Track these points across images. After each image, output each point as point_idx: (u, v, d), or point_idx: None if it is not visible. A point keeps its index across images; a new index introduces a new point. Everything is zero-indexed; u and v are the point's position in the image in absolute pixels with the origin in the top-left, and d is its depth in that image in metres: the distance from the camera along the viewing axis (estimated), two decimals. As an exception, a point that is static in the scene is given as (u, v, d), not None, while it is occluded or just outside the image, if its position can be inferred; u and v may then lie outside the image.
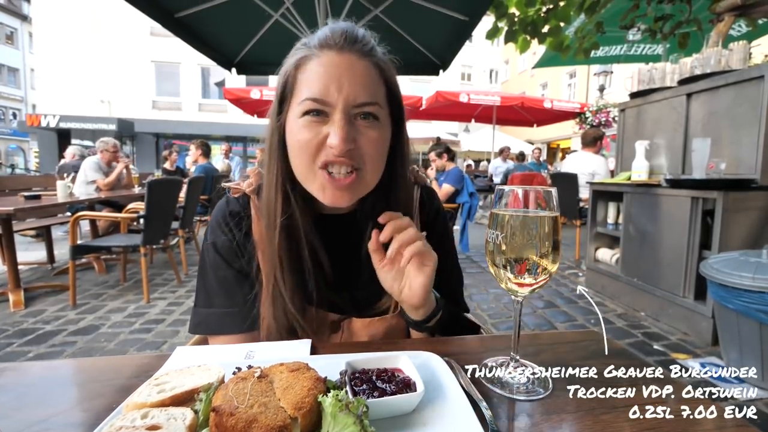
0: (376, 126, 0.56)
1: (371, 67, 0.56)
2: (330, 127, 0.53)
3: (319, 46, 0.55)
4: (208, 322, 0.65)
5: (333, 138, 0.52)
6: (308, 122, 0.54)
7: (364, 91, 0.54)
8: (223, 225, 0.65)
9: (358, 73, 0.54)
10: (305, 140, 0.53)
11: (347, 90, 0.53)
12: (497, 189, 0.49)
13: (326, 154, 0.53)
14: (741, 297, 1.72)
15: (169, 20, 2.97)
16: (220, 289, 0.65)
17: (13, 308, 2.72)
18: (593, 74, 14.32)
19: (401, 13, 3.09)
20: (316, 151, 0.54)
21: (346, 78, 0.53)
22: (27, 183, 4.92)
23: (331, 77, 0.53)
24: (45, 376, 0.50)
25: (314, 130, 0.53)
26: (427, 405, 0.42)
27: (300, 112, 0.54)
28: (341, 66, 0.53)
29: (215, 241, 0.65)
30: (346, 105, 0.53)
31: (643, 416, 0.42)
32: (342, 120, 0.52)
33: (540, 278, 0.47)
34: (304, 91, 0.54)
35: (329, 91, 0.52)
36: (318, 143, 0.53)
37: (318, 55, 0.54)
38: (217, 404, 0.35)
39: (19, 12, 26.30)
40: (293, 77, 0.56)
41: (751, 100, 2.22)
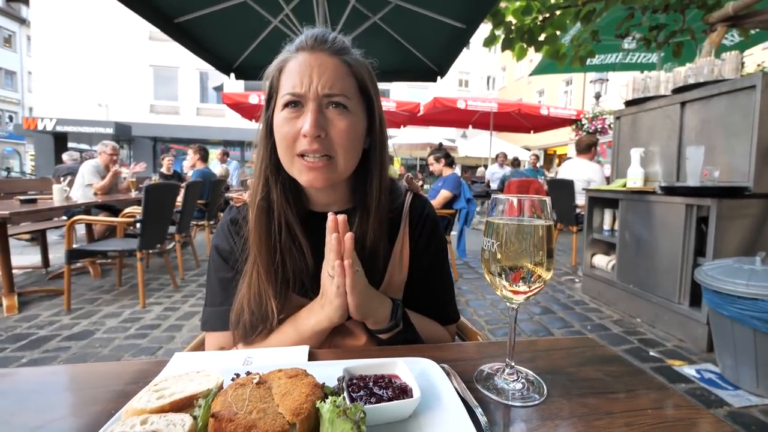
0: (345, 115, 0.62)
1: (340, 63, 0.63)
2: (303, 118, 0.60)
3: (295, 49, 0.64)
4: (211, 319, 0.71)
5: (305, 125, 0.59)
6: (287, 115, 0.61)
7: (331, 83, 0.61)
8: (226, 230, 0.72)
9: (326, 68, 0.61)
10: (285, 132, 0.61)
11: (316, 82, 0.60)
12: (492, 197, 0.50)
13: (301, 143, 0.61)
14: (735, 304, 1.74)
15: (168, 25, 2.98)
16: (221, 288, 0.70)
17: (6, 313, 2.70)
18: (589, 82, 14.46)
19: (399, 21, 3.13)
20: (293, 141, 0.61)
21: (315, 72, 0.60)
22: (23, 186, 4.89)
23: (303, 73, 0.60)
24: (43, 381, 0.50)
25: (291, 123, 0.61)
26: (424, 411, 0.42)
27: (281, 106, 0.62)
28: (312, 63, 0.61)
29: (217, 245, 0.72)
30: (316, 96, 0.60)
31: (638, 423, 0.43)
32: (313, 110, 0.60)
33: (534, 286, 0.48)
34: (285, 86, 0.62)
35: (302, 84, 0.60)
36: (294, 134, 0.61)
37: (295, 57, 0.63)
38: (216, 410, 0.35)
39: (18, 15, 26.30)
40: (277, 78, 0.64)
41: (743, 108, 2.25)
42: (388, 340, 0.65)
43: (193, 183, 3.78)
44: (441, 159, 4.12)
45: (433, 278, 0.75)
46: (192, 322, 2.67)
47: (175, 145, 15.58)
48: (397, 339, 0.65)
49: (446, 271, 0.78)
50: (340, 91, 0.61)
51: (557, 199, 4.18)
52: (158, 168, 6.64)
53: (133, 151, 17.31)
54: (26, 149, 25.14)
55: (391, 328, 0.64)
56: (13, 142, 26.13)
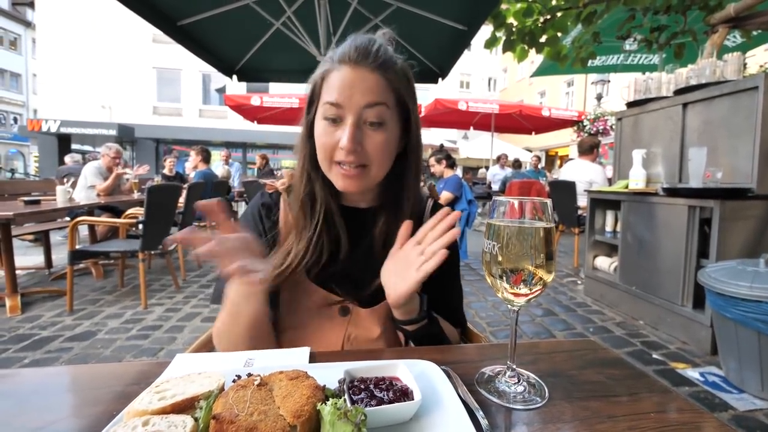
0: (381, 131, 0.66)
1: (380, 78, 0.65)
2: (342, 132, 0.64)
3: (338, 61, 0.65)
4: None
5: (343, 140, 0.63)
6: (327, 128, 0.65)
7: (370, 99, 0.64)
8: (256, 214, 0.76)
9: (366, 86, 0.64)
10: (323, 142, 0.66)
11: (357, 100, 0.63)
12: (493, 199, 0.50)
13: (339, 154, 0.65)
14: (738, 306, 1.73)
15: (171, 28, 3.00)
16: None
17: (9, 313, 2.71)
18: (591, 83, 14.45)
19: (401, 23, 3.10)
20: (332, 151, 0.66)
21: (357, 90, 0.64)
22: (26, 187, 4.92)
23: (344, 87, 0.64)
24: (45, 382, 0.50)
25: (330, 134, 0.65)
26: (425, 414, 0.42)
27: (322, 114, 0.66)
28: (355, 78, 0.64)
29: (245, 227, 0.73)
30: (356, 112, 0.64)
31: (641, 427, 0.43)
32: (351, 124, 0.63)
33: (535, 288, 0.48)
34: (326, 96, 0.65)
35: (343, 99, 0.64)
36: (333, 144, 0.65)
37: (338, 69, 0.65)
38: (217, 412, 0.35)
39: (23, 18, 26.50)
40: (319, 85, 0.67)
41: (746, 110, 2.25)
42: (414, 332, 0.67)
43: (195, 184, 3.80)
44: (442, 160, 4.12)
45: (446, 284, 0.78)
46: (194, 323, 2.67)
47: (177, 146, 15.63)
48: (423, 332, 0.67)
49: (458, 279, 0.82)
50: (378, 110, 0.64)
51: (559, 201, 4.17)
52: (161, 169, 6.66)
53: (136, 153, 17.38)
54: (30, 151, 25.29)
55: (420, 320, 0.67)
56: (17, 144, 26.29)
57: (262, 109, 7.37)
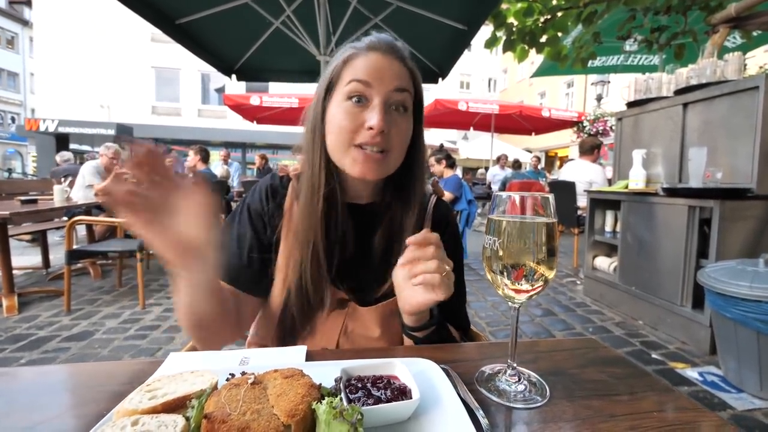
0: (405, 117, 0.66)
1: (407, 71, 0.67)
2: (370, 113, 0.62)
3: (367, 48, 0.65)
4: None
5: (373, 120, 0.61)
6: (351, 107, 0.63)
7: (399, 81, 0.64)
8: (263, 194, 0.74)
9: (396, 72, 0.64)
10: (345, 123, 0.62)
11: (388, 81, 0.63)
12: (494, 195, 0.49)
13: (363, 135, 0.62)
14: (738, 306, 1.72)
15: (170, 26, 2.99)
16: (235, 240, 0.72)
17: (6, 313, 2.69)
18: (591, 84, 14.46)
19: (400, 22, 3.12)
20: (354, 133, 0.62)
21: (387, 73, 0.63)
22: (24, 187, 4.90)
23: (376, 68, 0.63)
24: (36, 381, 0.49)
25: (355, 115, 0.62)
26: (423, 413, 0.41)
27: (345, 94, 0.63)
28: (384, 63, 0.64)
29: (250, 203, 0.74)
30: (386, 92, 0.62)
31: (642, 426, 0.42)
32: (381, 105, 0.62)
33: (537, 285, 0.47)
34: (350, 75, 0.63)
35: (373, 77, 0.62)
36: (357, 125, 0.62)
37: (366, 54, 0.64)
38: (209, 411, 0.34)
39: (20, 17, 26.46)
40: (340, 68, 0.65)
41: (746, 110, 2.24)
42: (424, 337, 0.65)
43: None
44: (442, 160, 4.12)
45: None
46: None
47: (176, 146, 15.60)
48: (432, 338, 0.65)
49: (461, 279, 0.79)
50: (404, 96, 0.65)
51: (559, 201, 4.06)
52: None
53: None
54: (28, 150, 25.25)
55: (430, 326, 0.65)
56: (15, 143, 26.24)
57: (261, 108, 7.36)
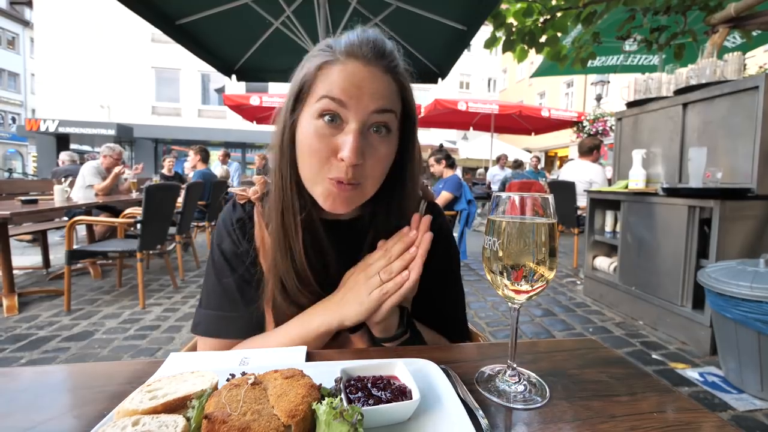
0: (386, 140, 0.56)
1: (393, 83, 0.56)
2: (344, 139, 0.53)
3: (345, 54, 0.54)
4: (206, 323, 0.66)
5: (345, 151, 0.52)
6: (323, 127, 0.53)
7: (381, 103, 0.54)
8: (231, 229, 0.66)
9: (378, 89, 0.54)
10: (316, 148, 0.54)
11: (367, 101, 0.53)
12: (494, 195, 0.49)
13: (335, 168, 0.54)
14: (739, 306, 1.72)
15: (170, 27, 2.99)
16: (222, 292, 0.66)
17: (6, 313, 2.69)
18: (590, 84, 14.47)
19: (400, 22, 3.13)
20: (326, 161, 0.54)
21: (367, 90, 0.53)
22: (24, 187, 4.91)
23: (353, 84, 0.53)
24: (36, 381, 0.49)
25: (326, 140, 0.53)
26: (423, 413, 0.41)
27: (316, 111, 0.53)
28: (365, 78, 0.53)
29: (221, 244, 0.66)
30: (363, 115, 0.53)
31: (643, 426, 0.42)
32: (355, 132, 0.52)
33: (537, 285, 0.47)
34: (323, 89, 0.53)
35: (349, 95, 0.52)
36: (329, 152, 0.54)
37: (343, 62, 0.54)
38: (209, 411, 0.34)
39: (21, 17, 26.47)
40: (313, 76, 0.55)
41: (746, 110, 2.24)
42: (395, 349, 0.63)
43: (193, 184, 3.78)
44: (442, 160, 4.12)
45: (445, 291, 0.72)
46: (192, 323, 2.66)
47: (176, 146, 15.62)
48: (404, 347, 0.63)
49: (459, 286, 0.74)
50: (387, 117, 0.55)
51: (558, 201, 4.10)
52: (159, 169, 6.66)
53: (135, 153, 17.36)
54: (29, 150, 25.26)
55: (399, 336, 0.62)
56: (15, 144, 26.24)
57: (261, 108, 7.36)
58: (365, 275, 0.59)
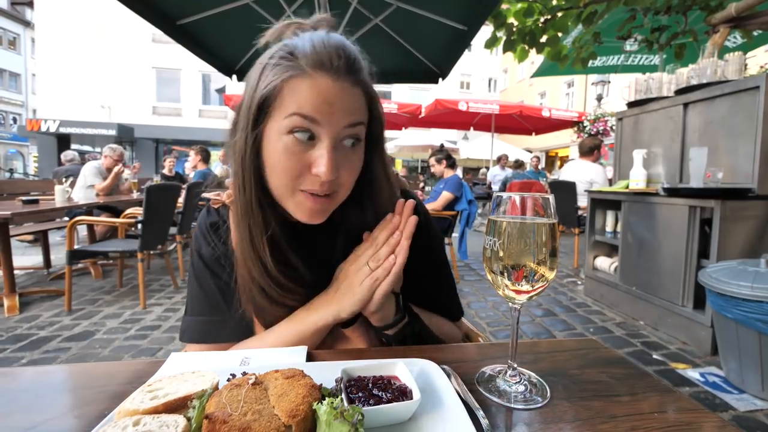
0: (356, 150, 0.57)
1: (362, 95, 0.56)
2: (317, 155, 0.53)
3: (312, 66, 0.52)
4: (192, 329, 0.65)
5: (321, 167, 0.52)
6: (293, 144, 0.52)
7: (353, 118, 0.54)
8: (207, 234, 0.66)
9: (349, 103, 0.54)
10: (289, 165, 0.53)
11: (339, 117, 0.52)
12: (495, 196, 0.49)
13: (309, 182, 0.54)
14: (740, 306, 1.72)
15: (171, 27, 2.99)
16: (204, 297, 0.66)
17: (7, 313, 2.70)
18: (591, 84, 14.46)
19: (401, 23, 3.12)
20: (299, 175, 0.54)
21: (338, 105, 0.52)
22: (25, 187, 4.91)
23: (325, 101, 0.51)
24: (37, 381, 0.49)
25: (298, 156, 0.53)
26: (424, 413, 0.41)
27: (286, 128, 0.52)
28: (335, 93, 0.52)
29: (200, 250, 0.67)
30: (336, 130, 0.53)
31: (643, 427, 0.42)
32: (329, 149, 0.52)
33: (537, 285, 0.47)
34: (292, 105, 0.52)
35: (321, 112, 0.51)
36: (302, 167, 0.53)
37: (312, 76, 0.52)
38: (210, 411, 0.34)
39: (22, 18, 26.52)
40: (277, 89, 0.52)
41: (747, 110, 2.24)
42: (396, 335, 0.63)
43: (194, 184, 3.79)
44: (442, 160, 4.11)
45: (433, 274, 0.74)
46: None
47: (177, 146, 15.63)
48: (405, 332, 0.64)
49: (446, 268, 0.76)
50: (358, 129, 0.56)
51: (559, 201, 4.06)
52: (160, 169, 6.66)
53: (136, 153, 17.38)
54: (30, 151, 25.31)
55: (397, 321, 0.63)
56: (16, 144, 26.30)
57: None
58: (355, 267, 0.61)
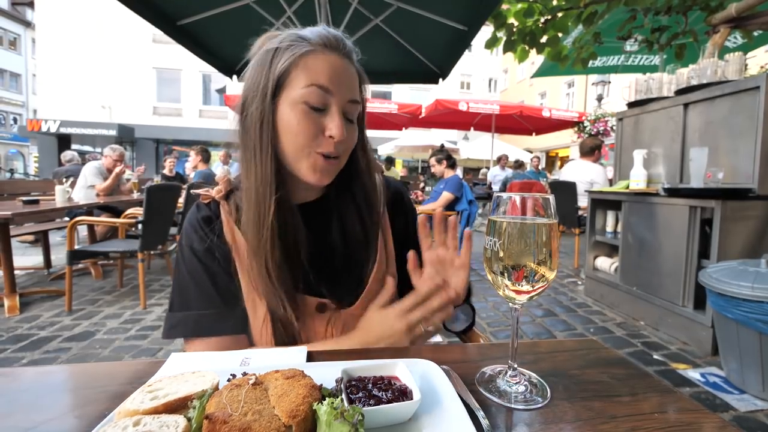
0: (353, 127, 0.66)
1: (357, 77, 0.66)
2: (329, 121, 0.61)
3: (323, 45, 0.61)
4: (186, 323, 0.64)
5: (334, 129, 0.60)
6: (308, 112, 0.60)
7: (354, 92, 0.64)
8: (198, 228, 0.67)
9: (351, 79, 0.64)
10: (304, 129, 0.60)
11: (345, 90, 0.62)
12: (495, 196, 0.49)
13: (324, 143, 0.61)
14: (740, 306, 1.72)
15: (171, 28, 3.00)
16: (198, 291, 0.65)
17: (8, 313, 2.70)
18: (591, 84, 14.47)
19: (401, 23, 3.13)
20: (314, 137, 0.61)
21: (345, 80, 0.62)
22: (26, 187, 4.92)
23: (336, 73, 0.61)
24: (37, 381, 0.49)
25: (314, 120, 0.61)
26: (424, 414, 0.41)
27: (301, 97, 0.59)
28: (343, 68, 0.62)
29: (191, 245, 0.67)
30: (342, 102, 0.62)
31: (644, 427, 0.42)
32: (340, 115, 0.61)
33: (538, 285, 0.47)
34: (309, 77, 0.59)
35: (334, 83, 0.60)
36: (317, 130, 0.61)
37: (324, 53, 0.61)
38: (210, 411, 0.34)
39: (23, 18, 26.55)
40: (295, 64, 0.60)
41: (747, 110, 2.24)
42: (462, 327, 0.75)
43: (194, 184, 3.79)
44: (443, 161, 4.11)
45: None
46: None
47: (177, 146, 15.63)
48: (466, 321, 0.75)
49: None
50: (356, 107, 0.65)
51: (559, 201, 4.09)
52: (161, 169, 6.67)
53: (136, 153, 17.39)
54: (30, 151, 25.32)
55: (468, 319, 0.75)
56: (17, 144, 26.31)
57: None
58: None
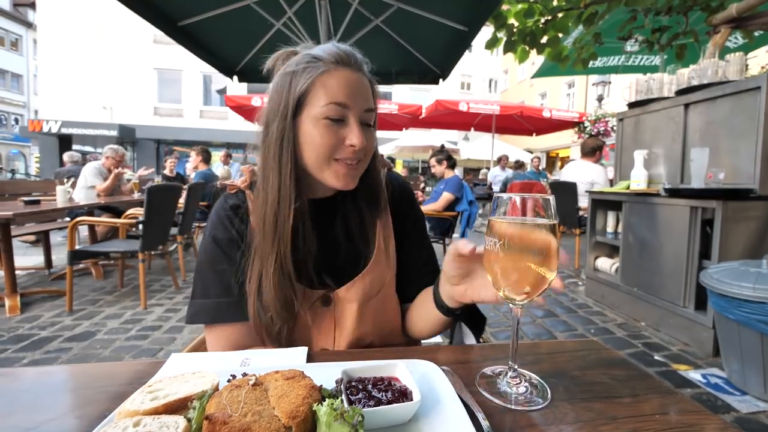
0: (371, 132, 0.70)
1: (370, 87, 0.70)
2: (348, 132, 0.65)
3: (335, 63, 0.65)
4: (206, 310, 0.68)
5: (354, 139, 0.65)
6: (330, 126, 0.65)
7: (368, 102, 0.68)
8: (224, 218, 0.72)
9: (365, 90, 0.68)
10: (326, 140, 0.65)
11: (361, 102, 0.66)
12: (495, 196, 0.49)
13: (344, 151, 0.66)
14: (741, 307, 1.71)
15: (172, 28, 3.00)
16: (217, 280, 0.69)
17: (8, 313, 2.70)
18: (591, 84, 14.46)
19: (401, 24, 3.13)
20: (335, 149, 0.66)
21: (359, 92, 0.66)
22: (27, 188, 4.92)
23: (350, 89, 0.65)
24: (38, 381, 0.50)
25: (335, 133, 0.65)
26: (424, 415, 0.41)
27: (322, 114, 0.64)
28: (356, 82, 0.66)
29: (215, 235, 0.71)
30: (359, 113, 0.66)
31: (644, 429, 0.42)
32: (358, 125, 0.66)
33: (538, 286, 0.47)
34: (327, 96, 0.64)
35: (350, 98, 0.65)
36: (337, 142, 0.65)
37: (338, 70, 0.65)
38: (210, 412, 0.34)
39: (24, 19, 26.60)
40: (312, 84, 0.65)
41: (748, 110, 2.24)
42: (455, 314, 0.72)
43: (195, 185, 3.79)
44: (443, 161, 4.11)
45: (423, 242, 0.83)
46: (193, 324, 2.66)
47: (178, 147, 15.67)
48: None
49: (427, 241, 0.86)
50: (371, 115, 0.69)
51: (560, 202, 4.04)
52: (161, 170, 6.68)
53: (137, 154, 17.41)
54: (31, 151, 25.33)
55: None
56: (18, 144, 26.36)
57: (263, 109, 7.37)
58: None
